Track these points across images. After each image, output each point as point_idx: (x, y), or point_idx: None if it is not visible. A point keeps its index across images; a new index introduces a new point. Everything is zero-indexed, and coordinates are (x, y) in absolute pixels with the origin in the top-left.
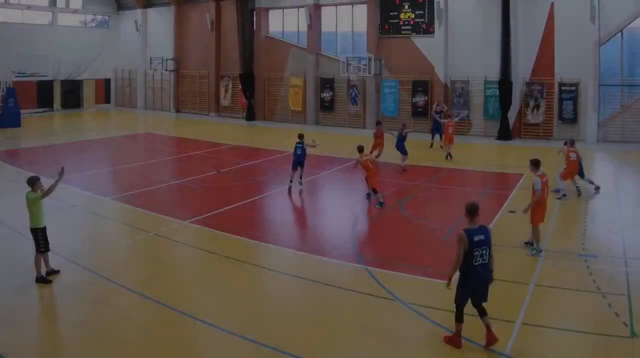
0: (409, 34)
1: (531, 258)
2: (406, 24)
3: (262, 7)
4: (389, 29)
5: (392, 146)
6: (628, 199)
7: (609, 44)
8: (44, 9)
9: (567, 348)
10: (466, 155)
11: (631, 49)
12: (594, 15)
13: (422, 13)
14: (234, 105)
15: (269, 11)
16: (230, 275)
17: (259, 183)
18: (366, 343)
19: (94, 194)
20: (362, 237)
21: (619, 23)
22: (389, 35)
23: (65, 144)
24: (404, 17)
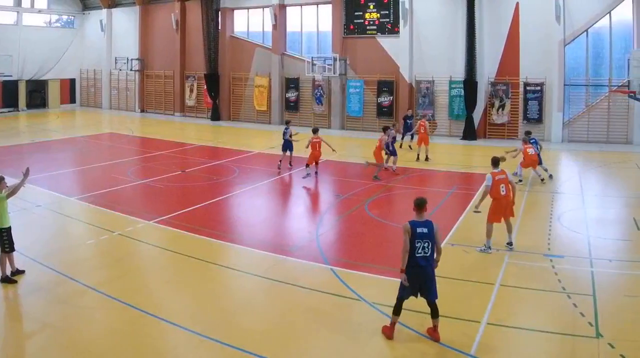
0: (374, 34)
1: (497, 255)
2: (371, 24)
3: (227, 7)
4: (354, 29)
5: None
6: (593, 199)
7: (574, 44)
8: (9, 9)
9: (533, 349)
10: (431, 153)
11: (596, 48)
12: (559, 15)
13: (387, 13)
14: (199, 105)
15: (234, 11)
16: (195, 275)
17: (224, 183)
18: (331, 343)
19: (59, 194)
20: (327, 237)
21: (584, 23)
22: (354, 35)
23: (30, 144)
24: (369, 17)
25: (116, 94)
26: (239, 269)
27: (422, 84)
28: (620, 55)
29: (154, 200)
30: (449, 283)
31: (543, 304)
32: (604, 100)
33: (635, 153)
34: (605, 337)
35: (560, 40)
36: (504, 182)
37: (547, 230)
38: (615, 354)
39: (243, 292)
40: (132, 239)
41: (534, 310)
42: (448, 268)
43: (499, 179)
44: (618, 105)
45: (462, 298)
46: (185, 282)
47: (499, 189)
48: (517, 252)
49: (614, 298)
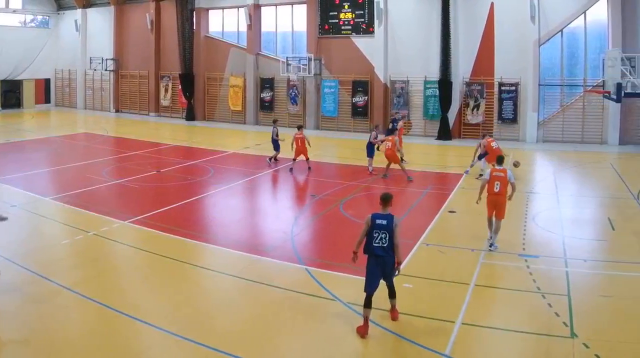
0: (349, 34)
1: (472, 255)
2: (346, 24)
3: (201, 7)
4: (328, 29)
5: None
6: (568, 199)
7: (549, 44)
8: None
9: (508, 348)
10: (406, 155)
11: (571, 48)
12: (533, 15)
13: (362, 13)
14: (174, 105)
15: (209, 11)
16: (170, 275)
17: (199, 183)
18: (306, 343)
19: (33, 194)
20: (302, 237)
21: (559, 23)
22: (328, 35)
23: (5, 144)
24: (344, 17)
25: (91, 94)
26: (214, 269)
27: (396, 84)
28: (595, 55)
29: (129, 200)
30: (424, 283)
31: (518, 304)
32: (579, 100)
33: (610, 153)
34: (580, 336)
35: (535, 40)
36: (499, 180)
37: (522, 230)
38: (590, 354)
39: (218, 292)
40: (107, 239)
41: (509, 310)
42: (423, 268)
43: (496, 175)
44: (593, 105)
45: (436, 298)
46: (160, 282)
47: (493, 185)
48: (492, 252)
49: (588, 298)
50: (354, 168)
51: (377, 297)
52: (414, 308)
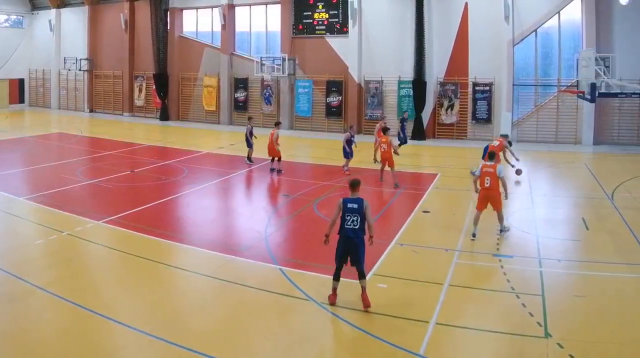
0: (323, 34)
1: (446, 255)
2: (320, 24)
3: (175, 7)
4: (303, 29)
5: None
6: (542, 199)
7: (523, 44)
8: None
9: (482, 349)
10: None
11: (545, 48)
12: (507, 15)
13: (336, 13)
14: (148, 105)
15: (183, 11)
16: (145, 275)
17: (173, 183)
18: (280, 343)
19: (7, 194)
20: (276, 237)
21: (533, 23)
22: (303, 35)
23: None
24: (318, 17)
25: (65, 94)
26: (188, 269)
27: (371, 84)
28: (569, 55)
29: (103, 200)
30: (398, 283)
31: (492, 304)
32: (553, 100)
33: (584, 153)
34: (554, 336)
35: (509, 40)
36: (489, 175)
37: (495, 230)
38: (564, 354)
39: (192, 292)
40: (81, 239)
41: (483, 310)
42: (397, 269)
43: (486, 171)
44: (567, 105)
45: (410, 298)
46: (134, 282)
47: (484, 180)
48: (465, 252)
49: (562, 298)
50: (328, 168)
51: (351, 297)
52: (388, 308)
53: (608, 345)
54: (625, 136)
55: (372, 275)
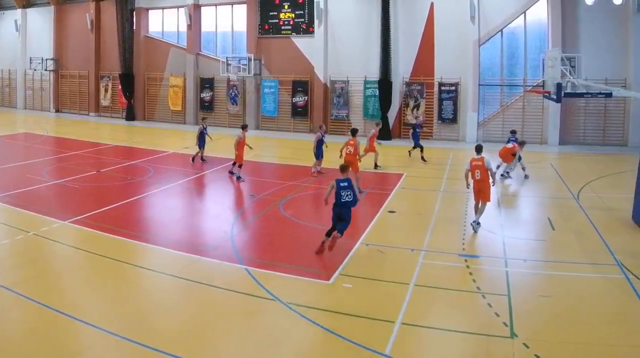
0: (289, 34)
1: (412, 255)
2: (286, 24)
3: (141, 7)
4: (269, 29)
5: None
6: (508, 199)
7: (489, 44)
8: None
9: (448, 348)
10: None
11: (511, 48)
12: (473, 15)
13: (302, 13)
14: (114, 105)
15: (149, 11)
16: (111, 275)
17: (139, 183)
18: (246, 343)
19: None
20: (242, 237)
21: (499, 23)
22: (268, 35)
23: None
24: (284, 17)
25: (31, 94)
26: (154, 269)
27: (336, 84)
28: (535, 55)
29: (69, 200)
30: (364, 283)
31: (458, 304)
32: (519, 100)
33: (549, 153)
34: (520, 337)
35: (475, 40)
36: (479, 168)
37: (461, 230)
38: (529, 354)
39: (158, 292)
40: (47, 239)
41: (449, 310)
42: (363, 268)
43: (475, 164)
44: (533, 105)
45: (376, 298)
46: (100, 282)
47: (474, 173)
48: (431, 252)
49: (528, 298)
50: (294, 168)
51: (316, 298)
52: (353, 308)
53: (574, 345)
54: (591, 136)
55: (337, 275)
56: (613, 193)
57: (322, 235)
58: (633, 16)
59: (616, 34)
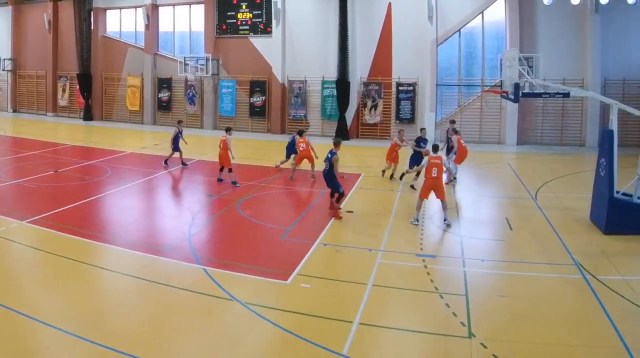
0: (247, 34)
1: (370, 255)
2: (244, 24)
3: (99, 7)
4: (226, 29)
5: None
6: (466, 199)
7: (447, 44)
8: None
9: (405, 349)
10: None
11: (468, 48)
12: (431, 15)
13: (259, 13)
14: (72, 105)
15: (107, 11)
16: (68, 275)
17: (97, 183)
18: (204, 343)
19: None
20: (200, 237)
21: (457, 23)
22: (226, 35)
23: None
24: (241, 17)
25: None
26: (112, 269)
27: (294, 83)
28: (492, 55)
29: (26, 200)
30: (322, 283)
31: (415, 304)
32: (477, 100)
33: (507, 153)
34: (478, 337)
35: (432, 40)
36: (436, 166)
37: (419, 230)
38: (487, 354)
39: (116, 292)
40: (4, 239)
41: (407, 310)
42: (320, 268)
43: (434, 162)
44: (490, 105)
45: (334, 298)
46: (58, 282)
47: (431, 171)
48: (389, 252)
49: (486, 298)
50: (252, 168)
51: (274, 298)
52: (311, 309)
53: (531, 345)
54: (548, 136)
55: (295, 275)
56: (571, 193)
57: (280, 235)
58: (591, 16)
59: (574, 34)
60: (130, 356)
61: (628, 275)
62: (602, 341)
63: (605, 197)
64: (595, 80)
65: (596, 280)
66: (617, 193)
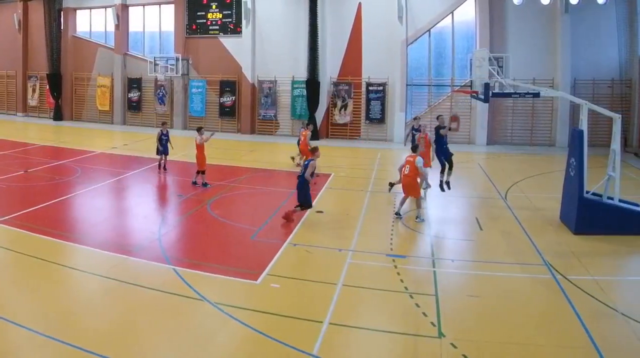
0: (217, 34)
1: (340, 255)
2: (214, 24)
3: (69, 7)
4: (196, 28)
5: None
6: (436, 199)
7: (417, 44)
8: None
9: (376, 348)
10: (272, 155)
11: (438, 49)
12: (401, 15)
13: (229, 13)
14: (42, 105)
15: (77, 11)
16: (38, 276)
17: (67, 183)
18: (174, 343)
19: None
20: (170, 237)
21: (427, 23)
22: (196, 35)
23: None
24: (211, 17)
25: None
26: (82, 269)
27: (264, 83)
28: (462, 55)
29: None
30: (292, 283)
31: (385, 304)
32: (447, 100)
33: (477, 153)
34: (448, 336)
35: (402, 40)
36: (409, 164)
37: (389, 230)
38: (457, 354)
39: (86, 292)
40: None
41: (377, 310)
42: (290, 269)
43: (408, 160)
44: (460, 105)
45: (304, 298)
46: (28, 282)
47: (404, 168)
48: (359, 252)
49: (456, 298)
50: (221, 168)
51: (244, 299)
52: (281, 309)
53: (502, 345)
54: (518, 136)
55: (265, 275)
56: (541, 193)
57: (250, 235)
58: (561, 16)
59: (544, 34)
60: (100, 356)
61: (598, 275)
62: (572, 341)
63: (575, 197)
64: (565, 80)
65: (566, 280)
66: (586, 194)
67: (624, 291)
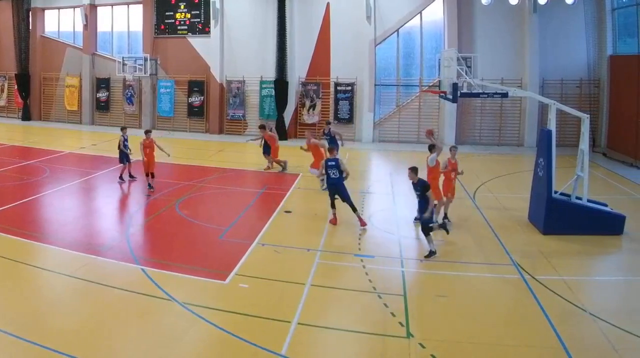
0: (185, 34)
1: (308, 255)
2: (182, 24)
3: (37, 7)
4: (165, 29)
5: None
6: (404, 199)
7: (385, 44)
8: None
9: (344, 348)
10: (240, 155)
11: (407, 48)
12: (369, 15)
13: (198, 13)
14: (10, 105)
15: (45, 11)
16: (6, 275)
17: (35, 183)
18: (142, 342)
19: None
20: (138, 236)
21: (395, 23)
22: (165, 35)
23: None
24: (180, 17)
25: None
26: (50, 269)
27: (233, 83)
28: (431, 55)
29: None
30: (260, 283)
31: (354, 304)
32: (415, 100)
33: (445, 153)
34: (416, 336)
35: (371, 40)
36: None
37: (357, 230)
38: (425, 354)
39: (53, 292)
40: None
41: (345, 310)
42: (259, 269)
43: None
44: (429, 105)
45: (273, 298)
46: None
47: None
48: (327, 252)
49: (424, 298)
50: (189, 168)
51: (212, 298)
52: (250, 309)
53: (470, 345)
54: (487, 136)
55: (234, 275)
56: (509, 193)
57: (218, 234)
58: (529, 16)
59: (512, 34)
60: (68, 356)
61: (566, 275)
62: (541, 341)
63: (544, 197)
64: (533, 80)
65: (534, 280)
66: (555, 194)
67: (592, 291)
